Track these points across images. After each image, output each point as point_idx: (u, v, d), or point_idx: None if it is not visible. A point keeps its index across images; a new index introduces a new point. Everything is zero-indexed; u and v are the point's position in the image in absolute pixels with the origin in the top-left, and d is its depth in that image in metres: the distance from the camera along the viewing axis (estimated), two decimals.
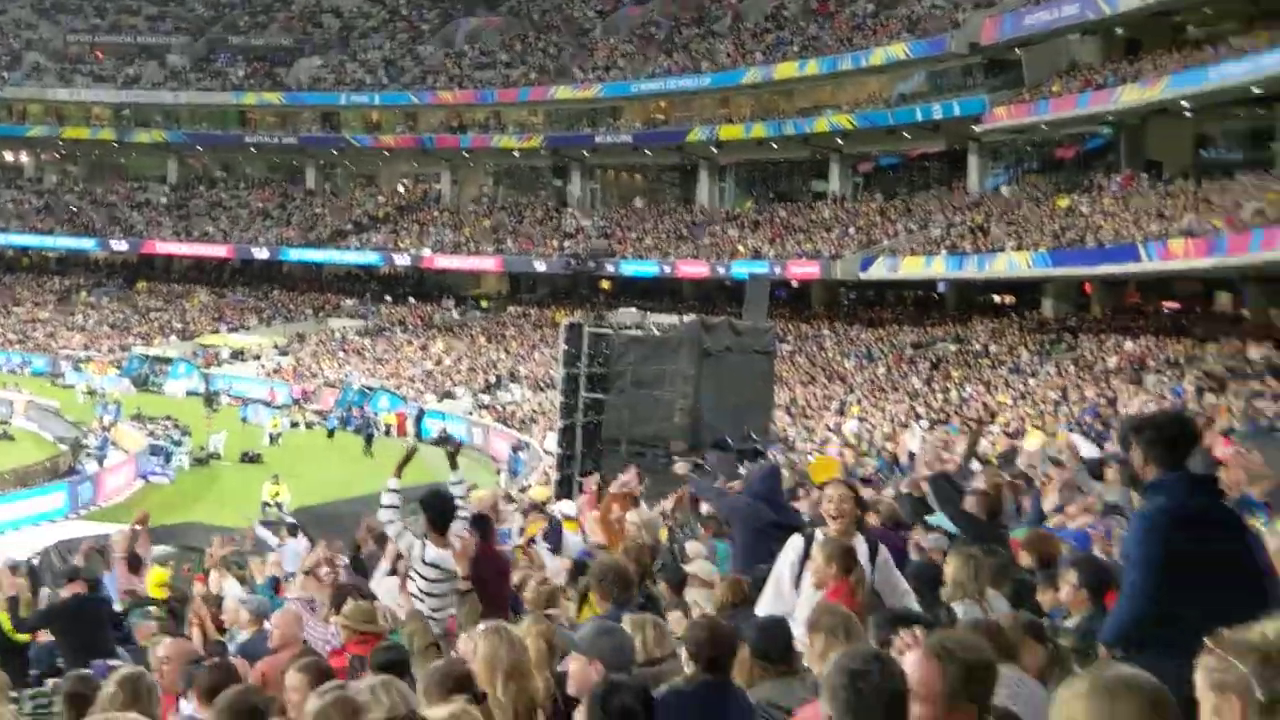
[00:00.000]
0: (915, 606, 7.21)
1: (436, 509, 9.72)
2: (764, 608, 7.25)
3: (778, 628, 6.01)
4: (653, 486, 25.16)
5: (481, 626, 6.03)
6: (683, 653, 5.90)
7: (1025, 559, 8.63)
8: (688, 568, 10.34)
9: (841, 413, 42.18)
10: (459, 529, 9.80)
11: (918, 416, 39.35)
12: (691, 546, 11.78)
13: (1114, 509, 10.81)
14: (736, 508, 10.33)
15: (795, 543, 7.63)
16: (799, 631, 5.86)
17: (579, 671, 5.43)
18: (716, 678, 5.51)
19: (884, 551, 7.65)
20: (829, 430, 39.00)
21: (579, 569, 10.94)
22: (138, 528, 15.06)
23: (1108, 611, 6.16)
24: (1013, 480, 13.71)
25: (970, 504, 10.05)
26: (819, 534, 7.49)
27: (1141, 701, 2.86)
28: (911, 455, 33.60)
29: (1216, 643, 3.32)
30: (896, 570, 7.86)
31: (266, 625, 9.16)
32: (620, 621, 6.26)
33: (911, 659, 3.63)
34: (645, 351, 26.19)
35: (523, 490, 34.15)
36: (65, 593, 12.87)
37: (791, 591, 7.26)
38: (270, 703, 5.51)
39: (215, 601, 12.60)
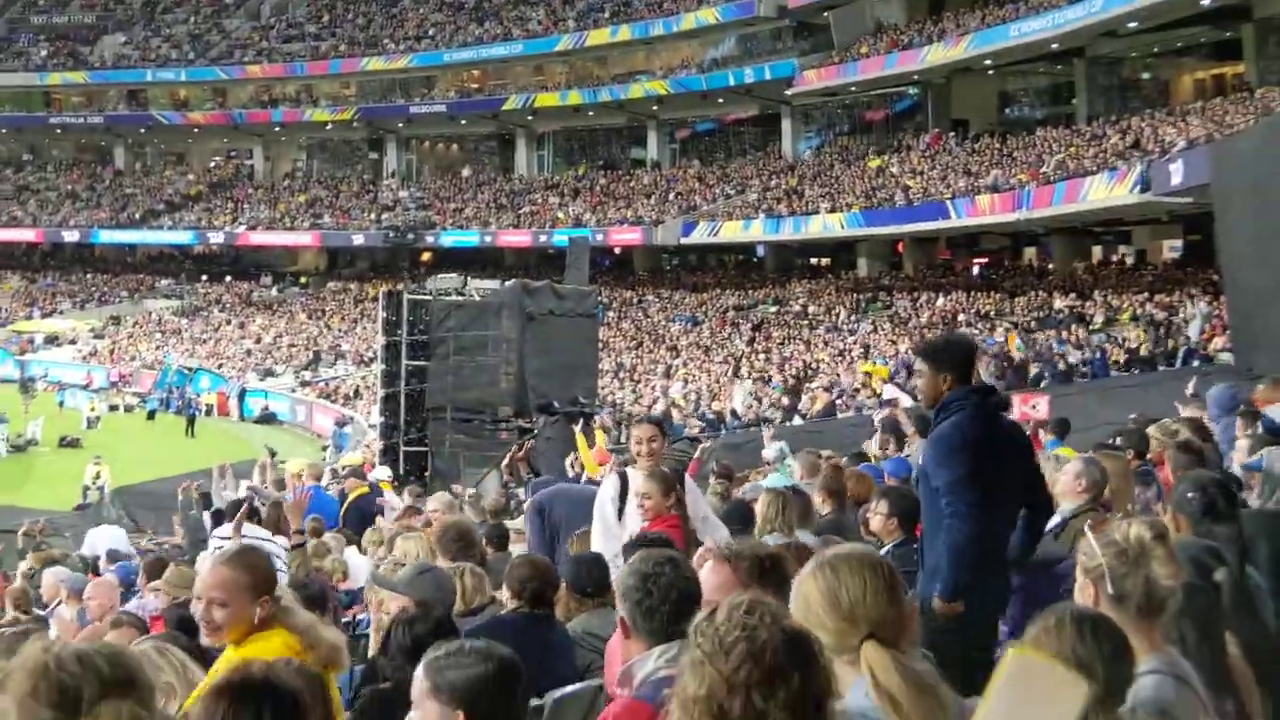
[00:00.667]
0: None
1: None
2: (596, 545, 7.57)
3: (594, 564, 6.36)
4: (478, 452, 25.70)
5: None
6: (504, 594, 6.21)
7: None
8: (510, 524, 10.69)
9: (669, 376, 42.98)
10: None
11: (739, 377, 40.32)
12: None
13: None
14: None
15: (611, 480, 7.97)
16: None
17: (398, 610, 5.56)
18: (538, 611, 5.83)
19: (690, 484, 7.89)
20: (657, 393, 39.81)
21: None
22: None
23: (917, 539, 6.55)
24: None
25: None
26: (630, 470, 7.77)
27: (862, 568, 3.03)
28: (734, 412, 34.60)
29: (1092, 531, 3.69)
30: (705, 504, 8.11)
31: (86, 602, 9.16)
32: None
33: (708, 566, 3.97)
34: (466, 317, 26.35)
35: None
36: None
37: (617, 525, 7.60)
38: None
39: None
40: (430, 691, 3.18)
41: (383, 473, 18.62)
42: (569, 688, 5.27)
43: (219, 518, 12.33)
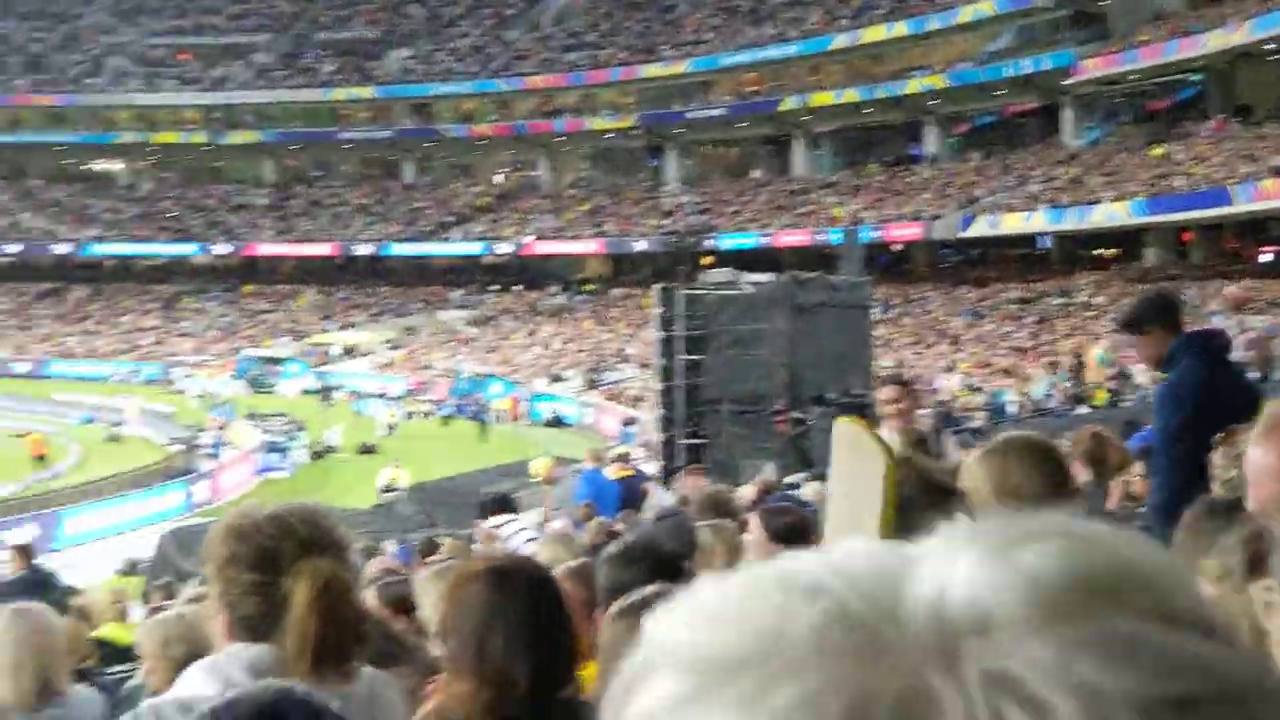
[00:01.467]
0: None
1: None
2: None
3: None
4: (754, 444, 27.02)
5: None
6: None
7: None
8: None
9: (950, 370, 45.68)
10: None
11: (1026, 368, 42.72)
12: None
13: None
14: None
15: None
16: None
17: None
18: None
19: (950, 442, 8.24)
20: (936, 385, 42.55)
21: None
22: None
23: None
24: None
25: None
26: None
27: (1030, 453, 3.18)
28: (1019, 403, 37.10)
29: None
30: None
31: None
32: None
33: None
34: (739, 310, 27.39)
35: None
36: None
37: None
38: None
39: None
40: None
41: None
42: None
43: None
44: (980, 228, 56.41)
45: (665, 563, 4.06)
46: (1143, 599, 0.56)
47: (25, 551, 13.64)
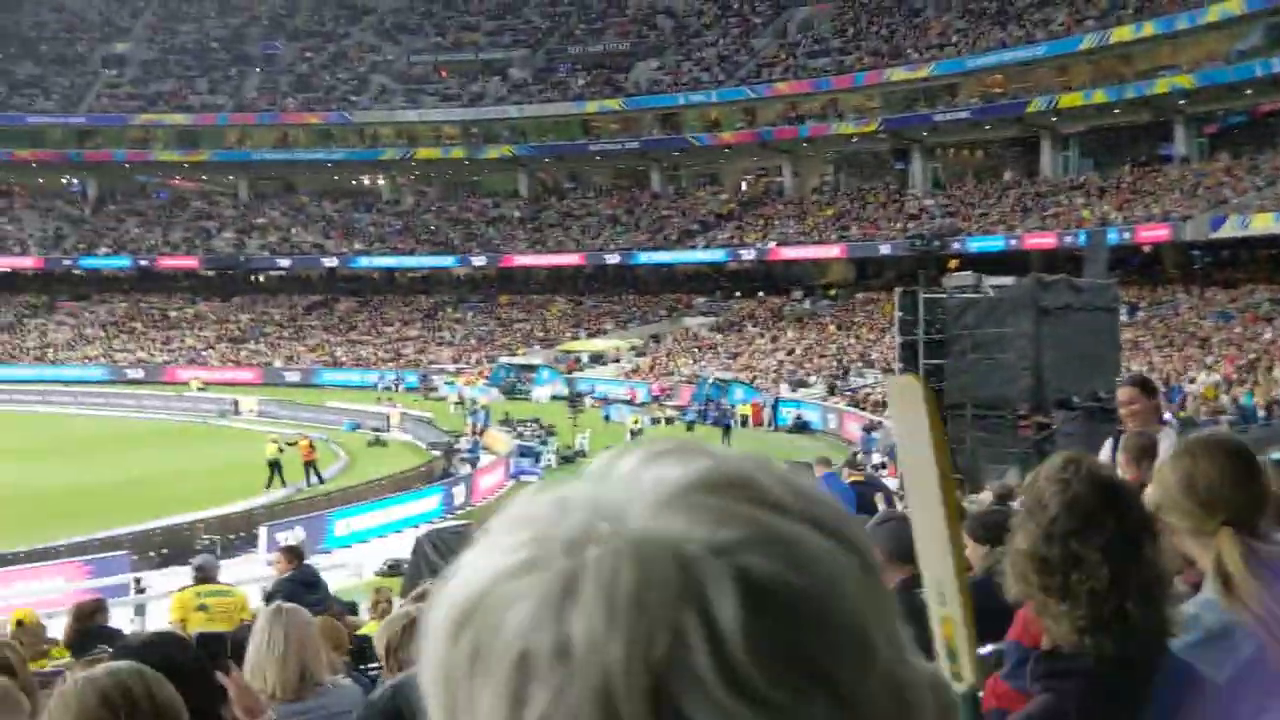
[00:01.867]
0: None
1: None
2: None
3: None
4: (998, 448, 26.79)
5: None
6: None
7: None
8: None
9: (1200, 374, 44.14)
10: None
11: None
12: None
13: None
14: None
15: (1108, 442, 8.10)
16: None
17: None
18: None
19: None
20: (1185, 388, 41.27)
21: None
22: None
23: None
24: None
25: None
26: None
27: (1221, 453, 3.07)
28: (1269, 408, 35.77)
29: None
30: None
31: None
32: None
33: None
34: (981, 313, 27.09)
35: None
36: None
37: None
38: None
39: None
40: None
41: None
42: None
43: None
44: (1231, 228, 54.45)
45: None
46: (748, 491, 0.76)
47: (294, 553, 14.23)
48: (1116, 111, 65.97)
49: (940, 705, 0.77)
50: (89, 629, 10.10)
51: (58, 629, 11.15)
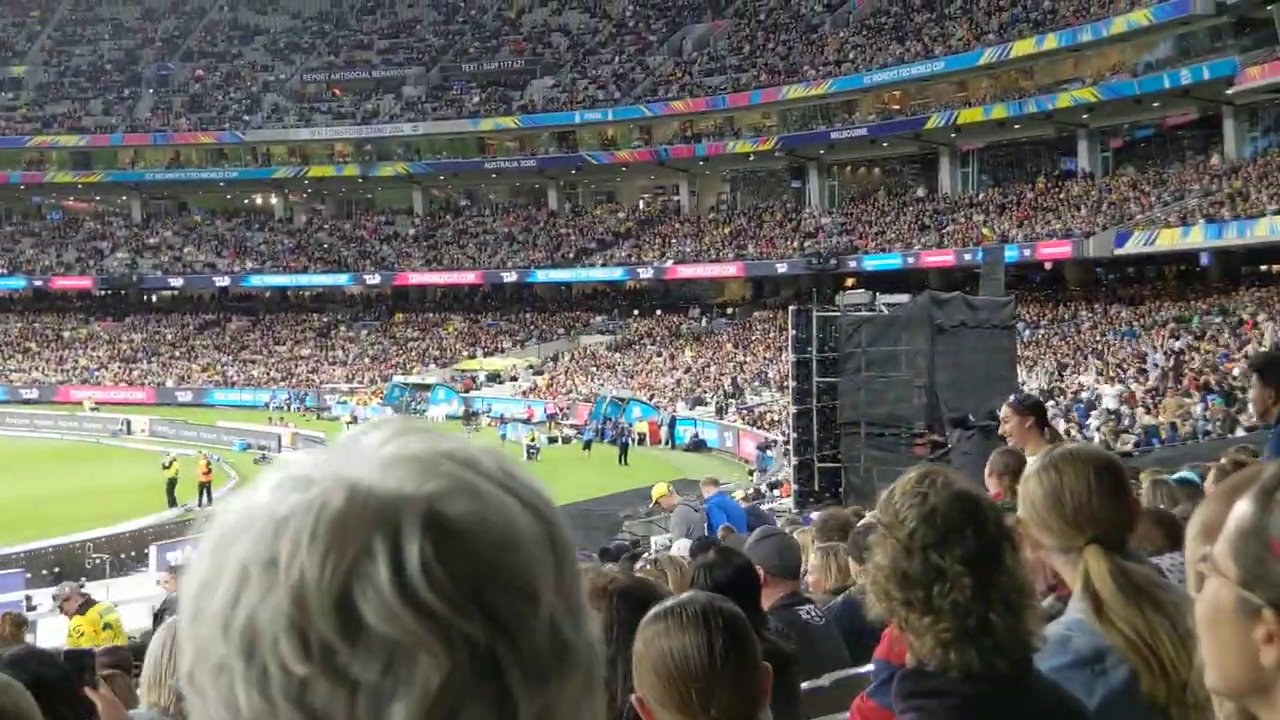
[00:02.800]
0: None
1: None
2: None
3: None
4: (893, 466, 26.05)
5: None
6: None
7: None
8: None
9: (1100, 393, 42.47)
10: None
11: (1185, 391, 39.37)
12: None
13: None
14: None
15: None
16: None
17: None
18: None
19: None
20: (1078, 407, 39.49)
21: None
22: None
23: None
24: None
25: None
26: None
27: (1088, 468, 3.04)
28: (1173, 426, 33.99)
29: None
30: None
31: None
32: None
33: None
34: (875, 331, 26.53)
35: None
36: None
37: None
38: None
39: None
40: None
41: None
42: None
43: None
44: (1135, 244, 52.47)
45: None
46: (462, 460, 0.91)
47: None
48: (1017, 127, 64.12)
49: (592, 666, 0.93)
50: None
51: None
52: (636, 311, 75.70)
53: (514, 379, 69.40)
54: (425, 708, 0.84)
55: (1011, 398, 10.94)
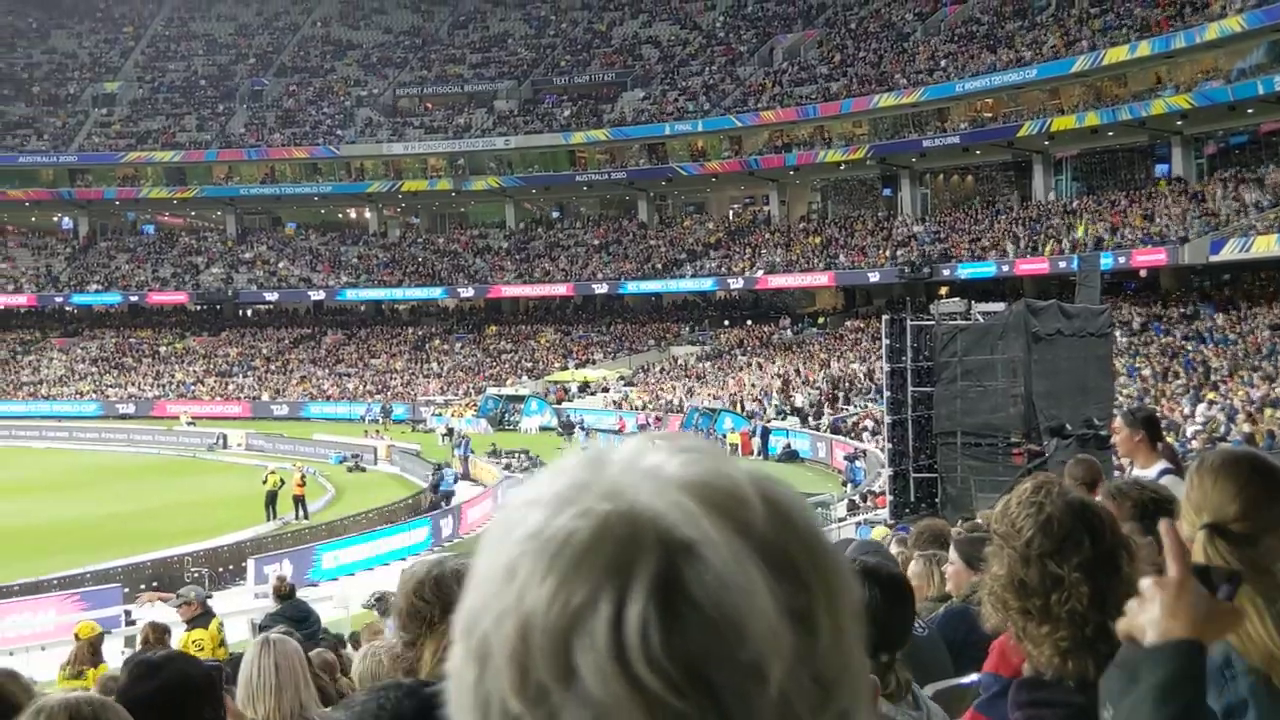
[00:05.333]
0: None
1: None
2: None
3: None
4: (989, 476, 25.90)
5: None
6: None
7: None
8: None
9: (1197, 400, 42.10)
10: None
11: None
12: None
13: None
14: None
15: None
16: None
17: None
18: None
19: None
20: (1182, 417, 39.15)
21: None
22: None
23: None
24: None
25: None
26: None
27: (1240, 468, 2.96)
28: (1272, 434, 33.64)
29: None
30: None
31: None
32: None
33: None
34: (971, 340, 26.28)
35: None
36: None
37: None
38: None
39: None
40: None
41: None
42: None
43: None
44: (1231, 251, 51.78)
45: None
46: (729, 505, 0.88)
47: (285, 584, 15.14)
48: (1111, 134, 63.40)
49: None
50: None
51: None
52: (727, 322, 75.68)
53: (606, 390, 69.46)
54: None
55: (1124, 409, 11.00)
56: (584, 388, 70.58)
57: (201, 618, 13.34)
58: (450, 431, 61.55)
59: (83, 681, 11.52)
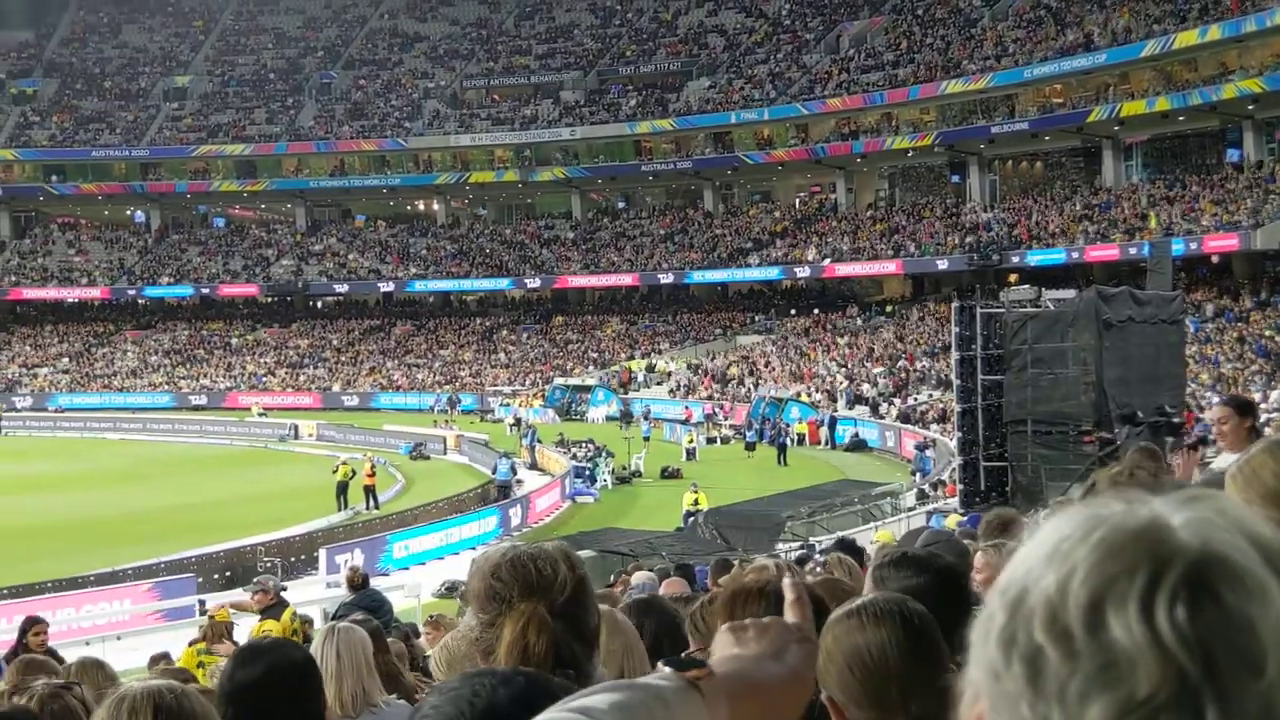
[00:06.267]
0: None
1: None
2: None
3: None
4: (1060, 465, 25.69)
5: None
6: None
7: None
8: None
9: (1270, 385, 41.65)
10: None
11: None
12: None
13: None
14: None
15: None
16: None
17: None
18: None
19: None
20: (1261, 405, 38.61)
21: None
22: None
23: None
24: None
25: None
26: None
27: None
28: None
29: None
30: None
31: None
32: None
33: None
34: (1041, 328, 26.10)
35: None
36: None
37: None
38: None
39: None
40: None
41: None
42: None
43: None
44: None
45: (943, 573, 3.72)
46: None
47: (358, 574, 15.06)
48: (1181, 118, 62.69)
49: None
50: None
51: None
52: (793, 310, 75.21)
53: (671, 377, 69.52)
54: (1123, 710, 0.94)
55: (1227, 397, 10.86)
56: (650, 369, 71.06)
57: (274, 607, 13.42)
58: (518, 421, 61.55)
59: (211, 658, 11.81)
